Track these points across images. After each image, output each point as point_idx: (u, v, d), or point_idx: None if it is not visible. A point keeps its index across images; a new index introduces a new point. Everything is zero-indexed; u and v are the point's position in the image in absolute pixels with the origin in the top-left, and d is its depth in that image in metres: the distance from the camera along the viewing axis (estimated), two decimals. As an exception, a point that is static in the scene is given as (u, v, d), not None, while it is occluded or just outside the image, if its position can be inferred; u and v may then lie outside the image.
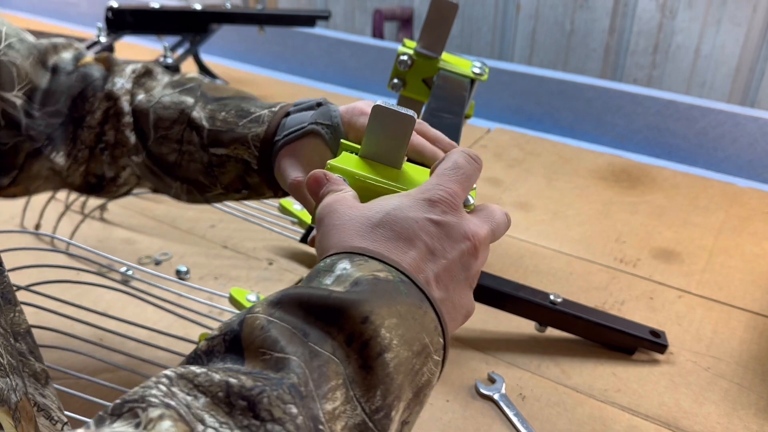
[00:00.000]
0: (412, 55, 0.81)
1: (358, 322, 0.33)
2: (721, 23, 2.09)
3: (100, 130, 0.64)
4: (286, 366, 0.31)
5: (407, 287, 0.37)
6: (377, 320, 0.34)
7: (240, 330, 0.33)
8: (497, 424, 0.68)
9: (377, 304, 0.35)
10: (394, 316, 0.35)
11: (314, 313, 0.34)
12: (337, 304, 0.34)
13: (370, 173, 0.46)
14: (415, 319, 0.36)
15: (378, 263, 0.38)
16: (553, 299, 0.77)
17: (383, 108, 0.45)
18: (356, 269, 0.37)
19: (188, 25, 1.42)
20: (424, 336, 0.36)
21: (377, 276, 0.36)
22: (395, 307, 0.35)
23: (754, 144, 1.24)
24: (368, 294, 0.35)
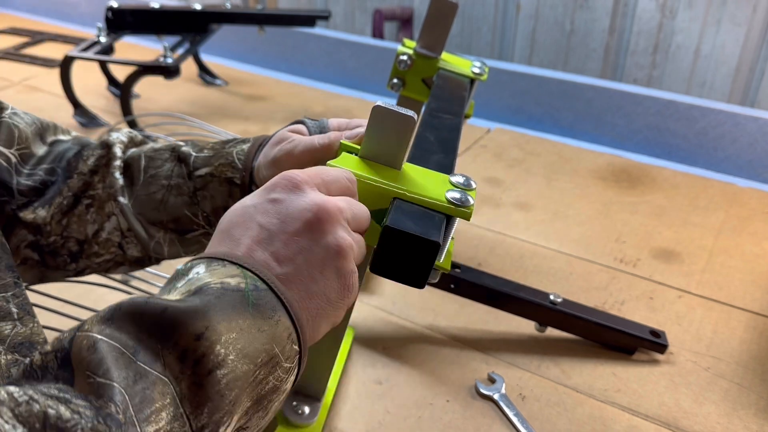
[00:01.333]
0: (411, 54, 0.81)
1: (192, 338, 0.33)
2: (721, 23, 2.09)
3: (90, 180, 0.60)
4: (106, 393, 0.31)
5: (259, 295, 0.37)
6: (212, 336, 0.34)
7: (69, 349, 0.32)
8: (497, 424, 0.68)
9: (216, 318, 0.34)
10: (233, 331, 0.35)
11: (147, 329, 0.33)
12: (171, 320, 0.34)
13: (370, 174, 0.46)
14: (261, 331, 0.36)
15: (235, 267, 0.38)
16: (553, 299, 0.77)
17: (383, 108, 0.45)
18: (208, 274, 0.37)
19: (188, 25, 1.42)
20: (273, 347, 0.37)
21: (226, 284, 0.36)
22: (237, 320, 0.35)
23: (754, 144, 1.24)
24: (208, 307, 0.35)
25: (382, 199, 0.45)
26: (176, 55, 1.30)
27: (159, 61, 1.27)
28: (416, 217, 0.44)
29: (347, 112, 1.48)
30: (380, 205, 0.46)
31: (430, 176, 0.48)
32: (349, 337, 0.78)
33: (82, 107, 1.37)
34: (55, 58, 1.71)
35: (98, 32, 1.38)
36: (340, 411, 0.69)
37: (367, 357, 0.76)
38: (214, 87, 1.62)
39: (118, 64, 1.38)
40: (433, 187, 0.46)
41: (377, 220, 0.46)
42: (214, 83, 1.63)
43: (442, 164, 0.52)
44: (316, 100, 1.55)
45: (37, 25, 2.04)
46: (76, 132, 0.68)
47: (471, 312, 0.84)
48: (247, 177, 0.57)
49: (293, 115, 1.46)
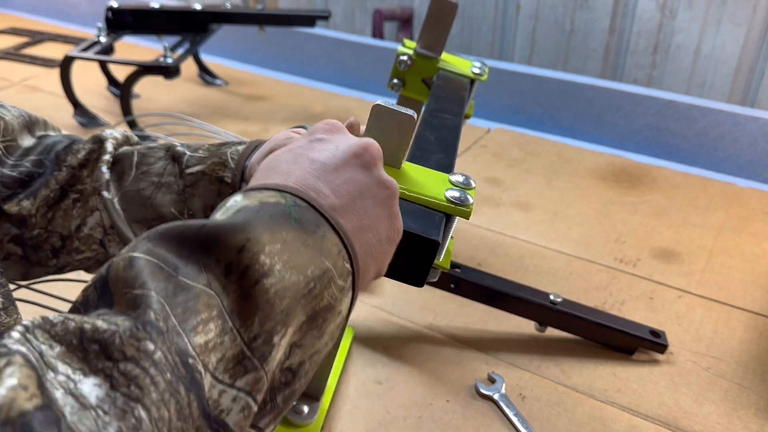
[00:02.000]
0: (411, 55, 0.81)
1: (235, 251, 0.33)
2: (721, 23, 2.09)
3: (78, 173, 0.58)
4: (143, 303, 0.30)
5: (300, 211, 0.37)
6: (255, 247, 0.33)
7: (107, 274, 0.32)
8: (497, 424, 0.67)
9: (256, 231, 0.34)
10: (277, 242, 0.34)
11: (188, 245, 0.33)
12: (211, 234, 0.33)
13: (370, 173, 0.46)
14: (305, 244, 0.36)
15: (271, 192, 0.37)
16: (553, 299, 0.77)
17: (383, 107, 0.45)
18: (246, 199, 0.37)
19: (188, 25, 1.42)
20: (322, 260, 0.36)
21: (264, 201, 0.36)
22: (280, 233, 0.35)
23: (754, 144, 1.24)
24: (247, 220, 0.34)
25: (381, 199, 0.45)
26: (176, 55, 1.30)
27: (159, 61, 1.27)
28: (416, 215, 0.44)
29: (347, 112, 1.48)
30: (380, 205, 0.46)
31: (430, 175, 0.48)
32: (348, 336, 0.78)
33: (82, 107, 1.37)
34: (55, 58, 1.71)
35: (98, 32, 1.38)
36: (340, 411, 0.68)
37: (366, 357, 0.76)
38: (214, 87, 1.62)
39: (118, 64, 1.38)
40: (432, 186, 0.46)
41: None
42: (214, 83, 1.63)
43: (442, 164, 0.52)
44: (316, 100, 1.55)
45: (37, 25, 2.04)
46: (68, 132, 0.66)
47: (471, 312, 0.84)
48: (238, 176, 0.56)
49: (293, 115, 1.46)
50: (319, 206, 0.38)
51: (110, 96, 1.53)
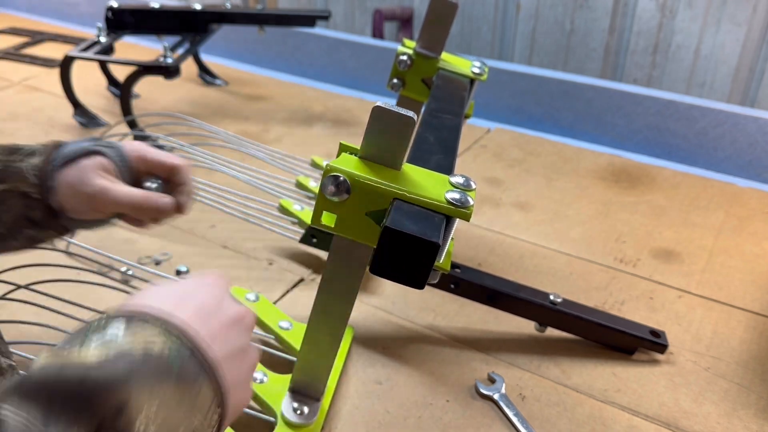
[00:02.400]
0: (411, 54, 0.81)
1: (112, 411, 0.32)
2: (721, 23, 2.09)
3: None
4: None
5: (182, 362, 0.36)
6: (132, 411, 0.32)
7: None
8: (497, 424, 0.68)
9: (137, 390, 0.33)
10: (155, 401, 0.34)
11: (60, 400, 0.31)
12: (88, 391, 0.32)
13: (369, 174, 0.46)
14: (182, 401, 0.35)
15: (157, 332, 0.36)
16: (553, 299, 0.77)
17: (383, 109, 0.45)
18: (129, 338, 0.35)
19: (188, 25, 1.42)
20: (193, 416, 0.36)
21: (149, 351, 0.35)
22: (159, 389, 0.34)
23: (754, 144, 1.24)
24: (129, 375, 0.33)
25: (381, 200, 0.45)
26: (176, 55, 1.30)
27: (159, 61, 1.27)
28: (416, 217, 0.44)
29: (347, 111, 1.48)
30: (380, 206, 0.46)
31: (430, 177, 0.48)
32: (348, 336, 0.78)
33: (82, 107, 1.37)
34: (55, 58, 1.71)
35: (98, 32, 1.38)
36: (340, 411, 0.69)
37: (366, 357, 0.76)
38: (214, 87, 1.62)
39: (118, 64, 1.38)
40: (432, 187, 0.46)
41: (377, 221, 0.46)
42: (214, 83, 1.63)
43: (442, 165, 0.52)
44: (316, 100, 1.55)
45: (37, 25, 2.04)
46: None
47: (471, 312, 0.84)
48: (46, 194, 0.59)
49: (293, 115, 1.46)
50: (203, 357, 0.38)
51: (110, 96, 1.53)
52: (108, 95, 1.53)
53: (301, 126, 1.40)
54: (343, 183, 0.45)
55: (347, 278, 0.53)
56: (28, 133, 1.33)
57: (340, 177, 0.45)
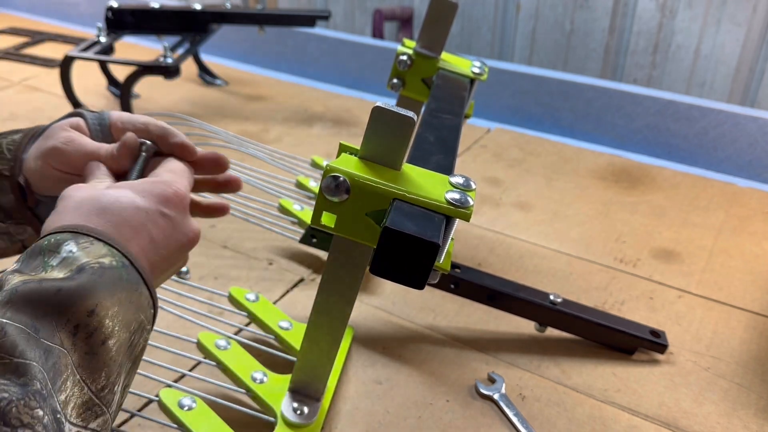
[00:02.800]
0: (411, 54, 0.81)
1: (85, 315, 0.38)
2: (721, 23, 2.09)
3: None
4: (28, 372, 0.34)
5: (128, 272, 0.42)
6: (101, 311, 0.39)
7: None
8: (497, 424, 0.68)
9: (102, 295, 0.39)
10: (116, 305, 0.40)
11: (43, 308, 0.37)
12: (65, 298, 0.38)
13: (369, 174, 0.46)
14: (131, 302, 0.42)
15: (103, 246, 0.42)
16: (553, 299, 0.77)
17: (383, 109, 0.45)
18: (82, 253, 0.41)
19: (188, 25, 1.42)
20: (140, 315, 0.43)
21: (102, 263, 0.41)
22: (117, 295, 0.41)
23: (754, 144, 1.24)
24: (93, 284, 0.39)
25: (381, 200, 0.45)
26: (176, 55, 1.30)
27: (159, 61, 1.27)
28: (416, 218, 0.44)
29: (347, 111, 1.48)
30: (379, 206, 0.46)
31: (430, 177, 0.48)
32: (348, 336, 0.78)
33: (82, 107, 1.37)
34: (55, 58, 1.71)
35: (98, 32, 1.38)
36: (340, 411, 0.69)
37: (366, 357, 0.76)
38: (214, 87, 1.62)
39: (118, 64, 1.38)
40: (432, 187, 0.46)
41: (376, 221, 0.46)
42: (214, 83, 1.63)
43: (442, 165, 0.52)
44: (316, 100, 1.55)
45: (37, 25, 2.04)
46: None
47: (471, 312, 0.84)
48: (17, 169, 0.54)
49: (293, 115, 1.46)
50: (138, 266, 0.43)
51: (110, 96, 1.53)
52: (108, 95, 1.53)
53: (301, 126, 1.40)
54: (343, 183, 0.45)
55: (347, 278, 0.53)
56: (28, 133, 1.33)
57: (340, 177, 0.45)
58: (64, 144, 0.53)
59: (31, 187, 0.55)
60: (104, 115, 0.58)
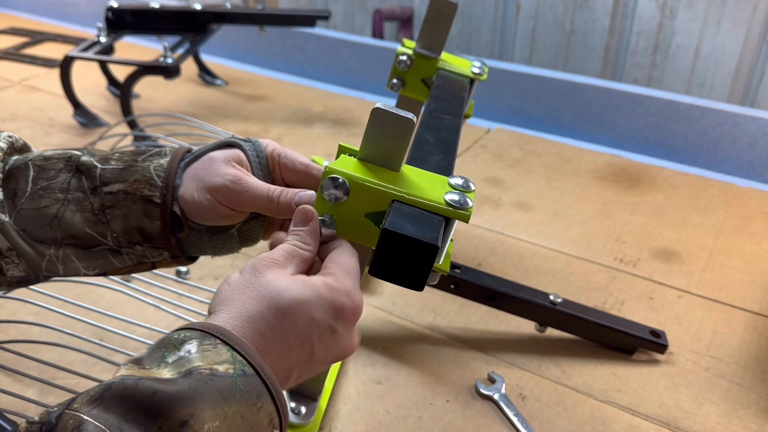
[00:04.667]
0: (411, 55, 0.81)
1: (177, 425, 0.34)
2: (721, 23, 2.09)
3: None
4: None
5: (246, 381, 0.38)
6: (196, 424, 0.35)
7: (56, 425, 0.33)
8: (497, 424, 0.68)
9: (201, 406, 0.35)
10: (217, 419, 0.36)
11: (134, 410, 0.34)
12: (159, 404, 0.34)
13: (368, 176, 0.46)
14: (244, 418, 0.37)
15: (226, 351, 0.38)
16: (553, 299, 0.77)
17: (382, 110, 0.45)
18: (199, 356, 0.37)
19: (188, 25, 1.42)
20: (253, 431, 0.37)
21: (215, 371, 0.37)
22: (222, 408, 0.36)
23: (754, 144, 1.24)
24: (194, 392, 0.35)
25: (380, 202, 0.46)
26: (176, 55, 1.30)
27: (159, 61, 1.27)
28: (415, 219, 0.44)
29: (347, 112, 1.48)
30: (379, 208, 0.46)
31: (429, 178, 0.48)
32: (348, 337, 0.78)
33: (82, 107, 1.37)
34: (55, 58, 1.71)
35: (98, 32, 1.38)
36: (340, 411, 0.69)
37: (367, 357, 0.76)
38: (214, 87, 1.62)
39: (118, 64, 1.38)
40: (431, 189, 0.46)
41: (376, 223, 0.47)
42: (214, 83, 1.63)
43: (441, 165, 0.52)
44: (316, 100, 1.55)
45: (37, 25, 2.04)
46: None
47: (471, 312, 0.84)
48: (169, 197, 0.52)
49: (293, 115, 1.46)
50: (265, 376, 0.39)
51: (110, 96, 1.53)
52: (108, 95, 1.53)
53: (301, 126, 1.40)
54: (342, 185, 0.45)
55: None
56: (29, 133, 1.33)
57: (339, 179, 0.45)
58: (233, 183, 0.51)
59: (185, 216, 0.53)
60: (260, 147, 0.55)
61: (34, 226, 0.52)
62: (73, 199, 0.52)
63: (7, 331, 0.76)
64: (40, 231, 0.52)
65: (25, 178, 0.52)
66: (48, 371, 0.70)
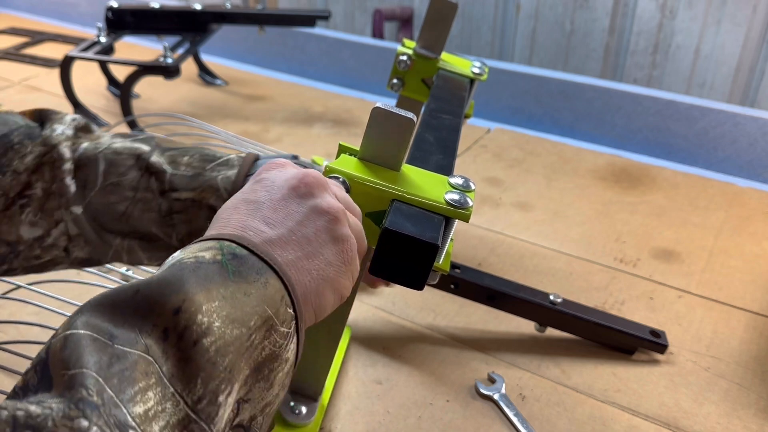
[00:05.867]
0: (411, 55, 0.81)
1: (170, 314, 0.32)
2: (721, 23, 2.09)
3: (27, 180, 0.53)
4: (76, 381, 0.29)
5: (238, 261, 0.36)
6: (191, 307, 0.33)
7: (47, 357, 0.31)
8: (497, 424, 0.68)
9: (192, 290, 0.33)
10: (214, 300, 0.34)
11: (122, 312, 0.32)
12: (145, 299, 0.33)
13: (369, 175, 0.46)
14: (248, 294, 0.35)
15: (208, 242, 0.37)
16: (553, 299, 0.77)
17: (382, 110, 0.45)
18: (181, 253, 0.36)
19: (188, 25, 1.42)
20: (265, 308, 0.36)
21: (200, 257, 0.36)
22: (217, 290, 0.34)
23: (754, 144, 1.24)
24: (181, 280, 0.34)
25: (380, 201, 0.46)
26: (176, 55, 1.30)
27: (159, 61, 1.27)
28: (415, 218, 0.44)
29: (347, 112, 1.48)
30: (379, 207, 0.46)
31: (429, 178, 0.48)
32: (346, 336, 0.78)
33: (82, 107, 1.37)
34: (55, 58, 1.71)
35: (98, 32, 1.38)
36: (340, 411, 0.69)
37: (367, 357, 0.76)
38: (214, 87, 1.62)
39: (118, 64, 1.38)
40: (431, 188, 0.46)
41: (376, 222, 0.47)
42: (214, 83, 1.63)
43: (441, 165, 0.52)
44: (316, 100, 1.55)
45: (37, 25, 2.04)
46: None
47: (471, 312, 0.84)
48: None
49: (293, 115, 1.46)
50: (254, 246, 0.37)
51: (110, 96, 1.53)
52: (108, 95, 1.53)
53: (301, 126, 1.40)
54: (343, 184, 0.45)
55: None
56: (28, 133, 1.33)
57: (340, 178, 0.45)
58: None
59: None
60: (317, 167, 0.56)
61: (105, 219, 0.54)
62: (142, 199, 0.54)
63: (7, 331, 0.76)
64: (111, 223, 0.54)
65: (95, 171, 0.54)
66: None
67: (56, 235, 0.55)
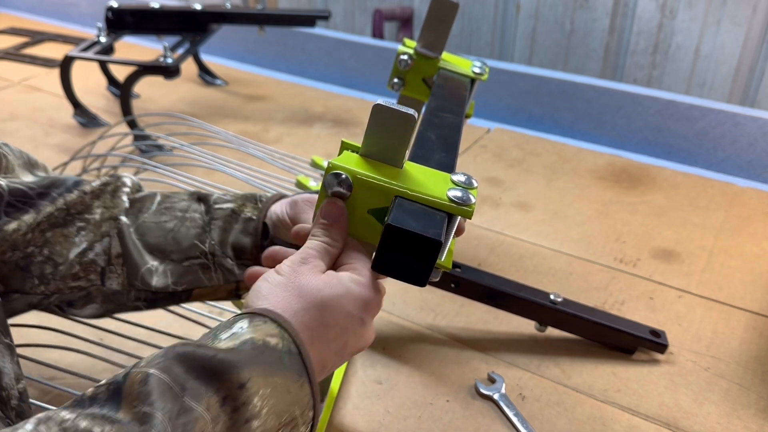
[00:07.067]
0: (412, 54, 0.81)
1: (236, 386, 0.37)
2: (721, 23, 2.09)
3: (90, 202, 0.59)
4: (150, 421, 0.34)
5: (291, 359, 0.40)
6: (252, 387, 0.37)
7: (123, 382, 0.36)
8: (497, 424, 0.67)
9: (256, 371, 0.38)
10: (269, 386, 0.38)
11: (197, 368, 0.37)
12: (219, 365, 0.37)
13: (371, 172, 0.46)
14: (288, 391, 0.40)
15: (275, 327, 0.41)
16: (553, 299, 0.77)
17: (383, 107, 0.45)
18: (251, 329, 0.40)
19: (188, 25, 1.42)
20: (295, 409, 0.40)
21: (267, 342, 0.40)
22: (273, 377, 0.39)
23: (754, 144, 1.24)
24: (250, 359, 0.38)
25: (383, 198, 0.45)
26: (176, 55, 1.30)
27: (159, 61, 1.27)
28: (418, 215, 0.44)
29: (347, 112, 1.48)
30: (382, 204, 0.46)
31: (432, 175, 0.48)
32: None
33: (82, 107, 1.37)
34: (55, 58, 1.71)
35: (98, 32, 1.38)
36: (340, 411, 0.68)
37: (367, 357, 0.76)
38: (214, 87, 1.62)
39: (118, 64, 1.38)
40: (434, 185, 0.46)
41: (378, 219, 0.46)
42: (214, 83, 1.63)
43: (444, 163, 0.52)
44: (316, 100, 1.55)
45: (37, 25, 2.04)
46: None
47: (471, 312, 0.84)
48: (262, 215, 0.59)
49: (293, 115, 1.46)
50: (303, 349, 0.41)
51: (110, 96, 1.53)
52: (108, 95, 1.53)
53: (301, 126, 1.40)
54: (345, 180, 0.45)
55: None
56: (29, 133, 1.33)
57: (342, 174, 0.45)
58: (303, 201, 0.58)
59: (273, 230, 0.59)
60: None
61: (151, 236, 0.59)
62: (190, 218, 0.60)
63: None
64: (155, 240, 0.59)
65: (151, 201, 0.61)
66: (48, 372, 0.70)
67: (98, 250, 0.58)
